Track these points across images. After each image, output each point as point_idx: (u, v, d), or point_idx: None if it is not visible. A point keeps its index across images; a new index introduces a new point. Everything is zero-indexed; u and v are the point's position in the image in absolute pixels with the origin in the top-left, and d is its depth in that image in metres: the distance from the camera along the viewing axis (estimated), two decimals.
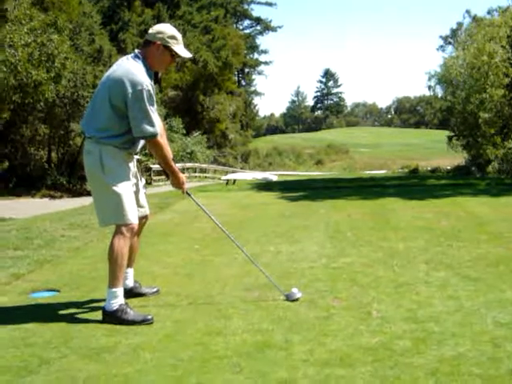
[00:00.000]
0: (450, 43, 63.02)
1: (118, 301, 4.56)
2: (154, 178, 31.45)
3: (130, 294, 5.05)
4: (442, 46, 66.61)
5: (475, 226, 8.53)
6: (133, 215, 4.71)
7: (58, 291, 5.49)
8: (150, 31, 4.81)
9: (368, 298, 4.96)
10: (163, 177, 33.17)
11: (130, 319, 4.49)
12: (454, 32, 63.39)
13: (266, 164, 70.90)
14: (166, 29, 4.82)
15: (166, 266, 6.40)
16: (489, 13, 50.60)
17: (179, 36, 4.85)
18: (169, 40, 4.76)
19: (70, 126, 24.42)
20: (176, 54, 4.82)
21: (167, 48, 4.77)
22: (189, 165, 39.37)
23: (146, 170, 30.35)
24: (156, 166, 32.66)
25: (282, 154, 79.62)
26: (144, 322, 4.48)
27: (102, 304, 4.64)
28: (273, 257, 6.73)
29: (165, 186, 28.08)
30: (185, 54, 4.87)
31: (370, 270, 5.95)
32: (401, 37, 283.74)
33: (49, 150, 25.77)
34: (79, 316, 4.70)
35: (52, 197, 21.76)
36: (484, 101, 35.47)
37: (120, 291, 4.61)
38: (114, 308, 4.53)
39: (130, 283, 5.20)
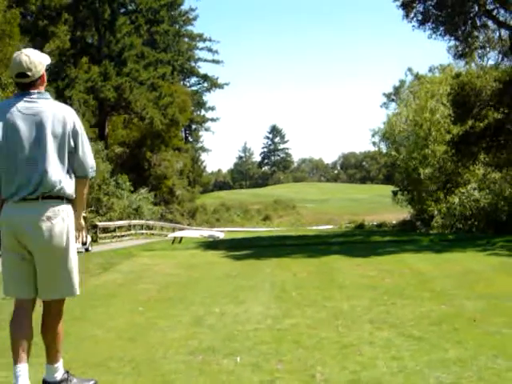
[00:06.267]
0: (393, 100, 64.60)
1: (61, 371, 4.30)
2: (100, 235, 30.88)
3: None
4: (385, 103, 68.17)
5: (418, 284, 8.63)
6: None
7: None
8: (35, 68, 4.10)
9: (312, 360, 4.93)
10: (110, 234, 32.84)
11: None
12: (396, 89, 65.07)
13: (213, 220, 70.74)
14: (43, 57, 4.25)
15: (108, 330, 6.27)
16: (430, 70, 52.32)
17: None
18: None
19: None
20: None
21: None
22: (135, 222, 38.99)
23: (92, 228, 29.86)
24: (102, 223, 32.32)
25: (229, 210, 79.66)
26: None
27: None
28: (217, 319, 6.66)
29: (112, 244, 27.81)
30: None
31: (315, 332, 5.93)
32: (346, 94, 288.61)
33: None
34: None
35: None
36: (427, 156, 36.30)
37: (61, 363, 4.35)
38: (58, 379, 4.26)
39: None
